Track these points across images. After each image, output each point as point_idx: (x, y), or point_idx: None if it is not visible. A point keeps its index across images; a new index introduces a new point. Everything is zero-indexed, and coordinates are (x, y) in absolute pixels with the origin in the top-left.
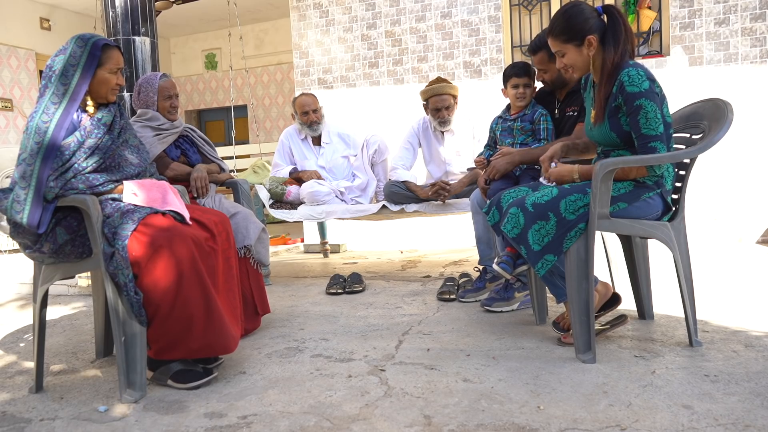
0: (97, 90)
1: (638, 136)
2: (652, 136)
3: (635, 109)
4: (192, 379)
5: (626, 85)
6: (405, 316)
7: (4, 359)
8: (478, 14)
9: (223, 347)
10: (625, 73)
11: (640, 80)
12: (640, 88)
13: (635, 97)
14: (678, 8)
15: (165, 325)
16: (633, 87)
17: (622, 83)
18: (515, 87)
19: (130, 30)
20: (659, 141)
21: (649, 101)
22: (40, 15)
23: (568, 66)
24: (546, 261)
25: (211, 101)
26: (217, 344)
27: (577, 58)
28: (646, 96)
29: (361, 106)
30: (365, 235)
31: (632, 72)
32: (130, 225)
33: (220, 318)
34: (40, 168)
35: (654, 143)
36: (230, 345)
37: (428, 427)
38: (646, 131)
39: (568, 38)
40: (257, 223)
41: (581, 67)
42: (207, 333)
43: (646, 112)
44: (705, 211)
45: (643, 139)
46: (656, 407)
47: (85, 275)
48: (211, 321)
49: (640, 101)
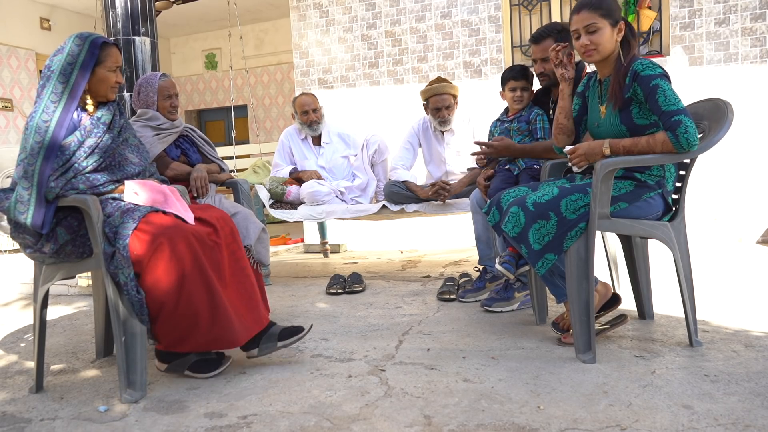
0: (97, 88)
1: (661, 114)
2: (674, 111)
3: (653, 90)
4: (210, 368)
5: (640, 72)
6: (405, 316)
7: (5, 359)
8: (478, 14)
9: (228, 341)
10: (638, 63)
11: (653, 66)
12: (654, 71)
13: (650, 78)
14: (678, 8)
15: (171, 322)
16: (648, 71)
17: (635, 71)
18: (513, 90)
19: (130, 30)
20: (683, 114)
21: (664, 81)
22: (40, 15)
23: (594, 44)
24: (546, 260)
25: (211, 101)
26: (224, 338)
27: (607, 38)
28: (661, 77)
29: (361, 106)
30: (365, 235)
31: (645, 61)
32: (131, 224)
33: (226, 312)
34: (41, 167)
35: (678, 116)
36: (237, 339)
37: (428, 427)
38: (667, 108)
39: (606, 14)
40: (257, 223)
41: (607, 50)
42: (213, 328)
43: (663, 90)
44: (705, 211)
45: (666, 116)
46: (656, 407)
47: (85, 275)
48: (217, 315)
49: (656, 81)
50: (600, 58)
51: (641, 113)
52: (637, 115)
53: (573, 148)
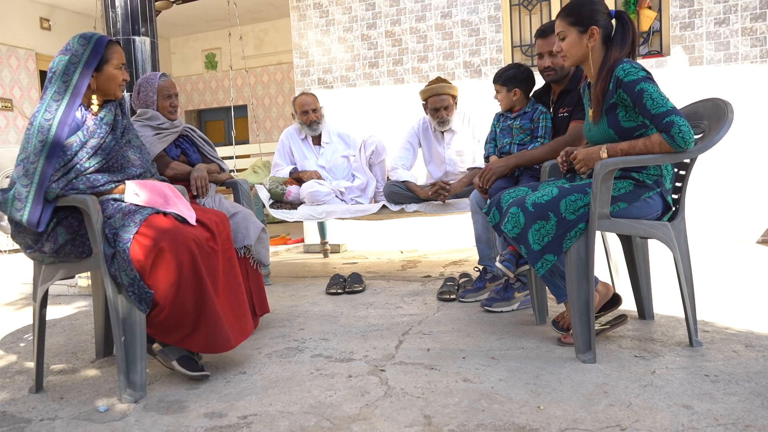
0: (106, 86)
1: (652, 118)
2: (665, 112)
3: (638, 95)
4: (194, 368)
5: (623, 78)
6: (405, 316)
7: (4, 359)
8: (478, 14)
9: (218, 346)
10: (620, 68)
11: (635, 70)
12: (637, 76)
13: (634, 84)
14: (678, 8)
15: (163, 323)
16: (630, 76)
17: (618, 78)
18: (498, 92)
19: (130, 30)
20: (673, 114)
21: (649, 84)
22: (40, 15)
23: (564, 51)
24: (546, 261)
25: (211, 101)
26: (213, 343)
27: (574, 45)
28: (644, 80)
29: (361, 106)
30: (365, 235)
31: (626, 66)
32: (132, 227)
33: (216, 319)
34: (43, 166)
35: (669, 118)
36: (225, 345)
37: (428, 427)
38: (656, 111)
39: (574, 21)
40: (257, 223)
41: (575, 55)
42: (202, 333)
43: (649, 93)
44: (705, 211)
45: (658, 119)
46: (656, 407)
47: (85, 275)
48: (208, 322)
49: (640, 86)
50: (571, 63)
51: (628, 116)
52: (623, 118)
53: (573, 154)
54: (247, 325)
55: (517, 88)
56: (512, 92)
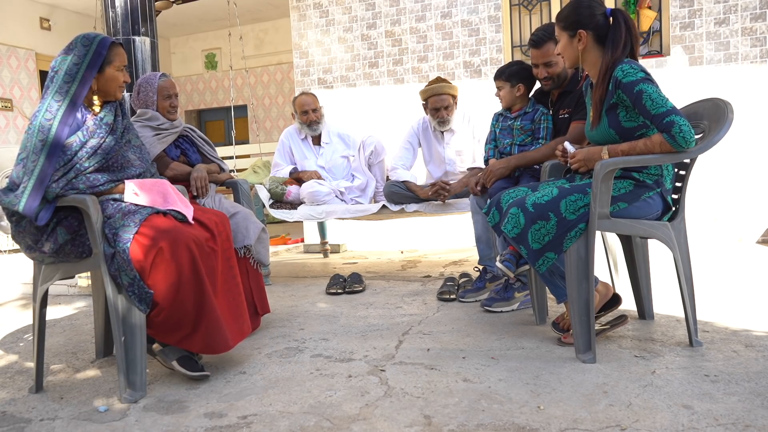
0: (107, 87)
1: (652, 118)
2: (664, 113)
3: (637, 96)
4: (194, 368)
5: (621, 79)
6: (405, 316)
7: (4, 359)
8: (478, 14)
9: (216, 347)
10: (618, 69)
11: (634, 71)
12: (636, 77)
13: (633, 85)
14: (678, 8)
15: (162, 323)
16: (629, 77)
17: (616, 79)
18: (500, 88)
19: (130, 30)
20: (673, 114)
21: (648, 84)
22: (40, 15)
23: (561, 54)
24: (546, 258)
25: (211, 101)
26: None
27: (566, 48)
28: (643, 81)
29: (361, 106)
30: (365, 235)
31: (625, 67)
32: (131, 228)
33: (216, 320)
34: (44, 163)
35: (669, 118)
36: (224, 345)
37: (428, 427)
38: (656, 111)
39: (565, 26)
40: (257, 223)
41: (569, 57)
42: (201, 334)
43: (648, 94)
44: (705, 211)
45: (658, 120)
46: (656, 407)
47: (85, 275)
48: (207, 322)
49: (639, 87)
50: (569, 65)
51: (628, 116)
52: (624, 118)
53: (573, 153)
54: (244, 326)
55: (521, 84)
56: (516, 88)
